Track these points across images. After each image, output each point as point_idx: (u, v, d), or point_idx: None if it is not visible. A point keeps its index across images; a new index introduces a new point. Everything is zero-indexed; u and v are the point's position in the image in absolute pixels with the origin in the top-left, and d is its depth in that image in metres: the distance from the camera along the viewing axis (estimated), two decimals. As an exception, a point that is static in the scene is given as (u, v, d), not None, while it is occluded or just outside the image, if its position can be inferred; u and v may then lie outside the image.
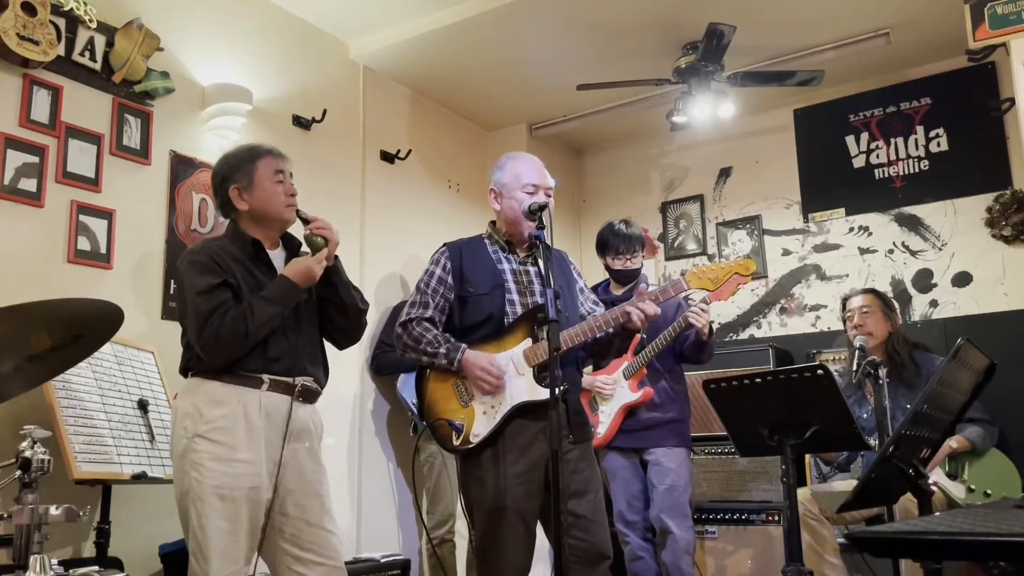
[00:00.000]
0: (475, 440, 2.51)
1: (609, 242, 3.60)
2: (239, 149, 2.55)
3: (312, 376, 2.44)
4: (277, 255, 2.51)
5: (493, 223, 2.77)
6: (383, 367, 4.13)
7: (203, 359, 2.29)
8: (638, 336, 3.47)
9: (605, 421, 3.47)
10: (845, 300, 3.67)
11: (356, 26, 4.29)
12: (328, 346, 2.62)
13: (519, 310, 2.59)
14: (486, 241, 2.72)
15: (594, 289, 3.71)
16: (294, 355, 2.40)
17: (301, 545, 2.35)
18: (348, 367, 4.01)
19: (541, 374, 2.51)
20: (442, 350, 2.54)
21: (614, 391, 3.47)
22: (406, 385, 4.00)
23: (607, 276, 3.74)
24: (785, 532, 2.61)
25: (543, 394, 2.47)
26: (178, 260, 2.45)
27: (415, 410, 3.88)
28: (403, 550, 4.17)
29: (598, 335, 2.58)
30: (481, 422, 2.52)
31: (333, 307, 2.52)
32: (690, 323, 3.29)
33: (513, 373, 2.53)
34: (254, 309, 2.29)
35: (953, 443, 3.36)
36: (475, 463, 2.54)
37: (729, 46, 4.12)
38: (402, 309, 4.16)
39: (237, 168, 2.48)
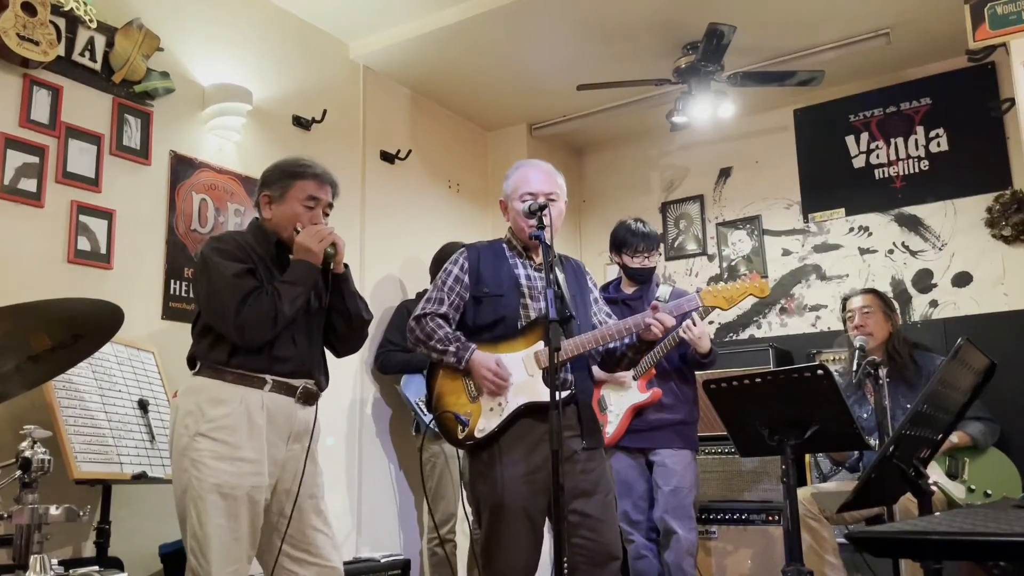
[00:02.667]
0: (480, 435, 2.52)
1: (627, 240, 3.55)
2: (290, 161, 2.55)
3: (314, 380, 2.45)
4: None
5: (511, 229, 2.80)
6: (388, 366, 4.13)
7: (237, 341, 2.29)
8: None
9: (613, 421, 3.47)
10: (845, 300, 3.67)
11: (356, 26, 4.29)
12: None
13: (532, 315, 2.63)
14: (504, 246, 2.76)
15: (604, 288, 3.72)
16: (299, 359, 2.41)
17: (296, 545, 2.36)
18: (349, 367, 4.01)
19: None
20: (452, 348, 2.57)
21: (628, 381, 3.47)
22: (409, 385, 4.00)
23: (615, 276, 3.74)
24: (785, 532, 2.61)
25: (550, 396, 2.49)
26: (202, 246, 2.46)
27: (418, 409, 3.89)
28: (403, 550, 4.17)
29: (610, 344, 2.61)
30: (487, 418, 2.54)
31: (338, 315, 2.53)
32: (682, 338, 3.31)
33: (523, 374, 2.55)
34: (280, 291, 2.33)
35: (954, 438, 3.35)
36: (482, 460, 2.55)
37: (729, 46, 4.12)
38: (406, 307, 4.17)
39: (277, 179, 2.50)
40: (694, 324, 3.29)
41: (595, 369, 2.87)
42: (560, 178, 2.77)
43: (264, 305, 2.29)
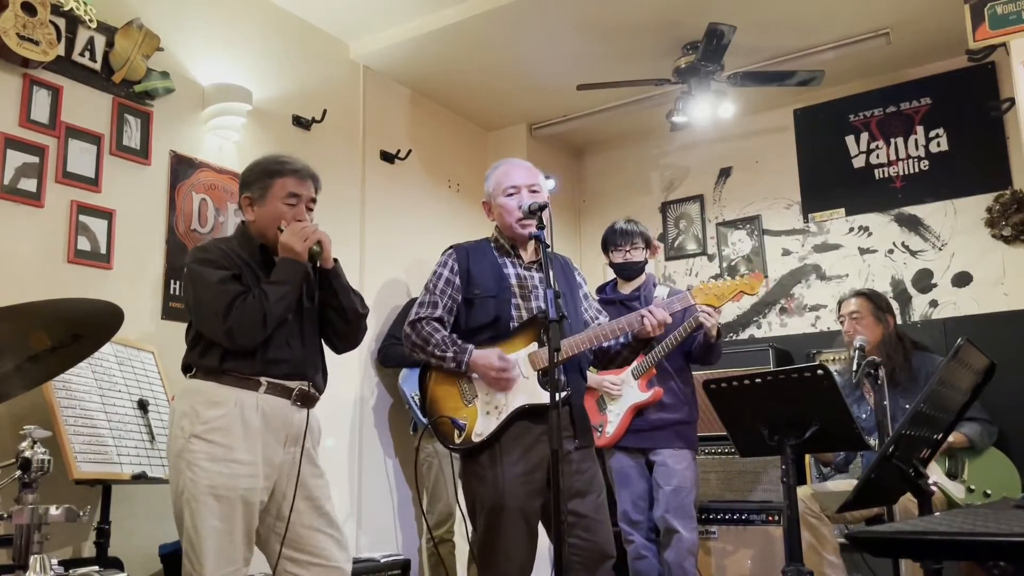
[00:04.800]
0: (477, 439, 2.51)
1: (608, 237, 3.67)
2: (268, 160, 2.53)
3: (311, 381, 2.44)
4: None
5: (499, 227, 2.79)
6: (388, 358, 4.15)
7: (228, 346, 2.29)
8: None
9: (614, 421, 3.47)
10: (840, 303, 3.70)
11: (356, 26, 4.29)
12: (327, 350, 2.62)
13: (523, 315, 2.61)
14: (492, 245, 2.73)
15: (601, 289, 3.73)
16: (294, 360, 2.40)
17: (295, 547, 2.36)
18: (349, 367, 4.01)
19: (545, 378, 2.52)
20: (449, 353, 2.55)
21: (622, 391, 3.48)
22: (407, 380, 4.00)
23: (612, 276, 3.75)
24: (785, 532, 2.61)
25: (547, 397, 2.48)
26: (186, 257, 2.45)
27: (415, 407, 3.89)
28: (403, 550, 4.17)
29: (604, 343, 2.60)
30: (483, 422, 2.53)
31: (333, 311, 2.51)
32: (700, 323, 3.27)
33: (518, 376, 2.54)
34: (267, 292, 2.32)
35: (950, 437, 3.35)
36: (477, 462, 2.54)
37: (729, 46, 4.12)
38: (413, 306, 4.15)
39: (256, 179, 2.49)
40: (712, 314, 3.22)
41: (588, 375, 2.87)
42: (541, 175, 2.76)
43: (251, 308, 2.28)
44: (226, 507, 2.22)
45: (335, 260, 2.50)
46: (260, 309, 2.29)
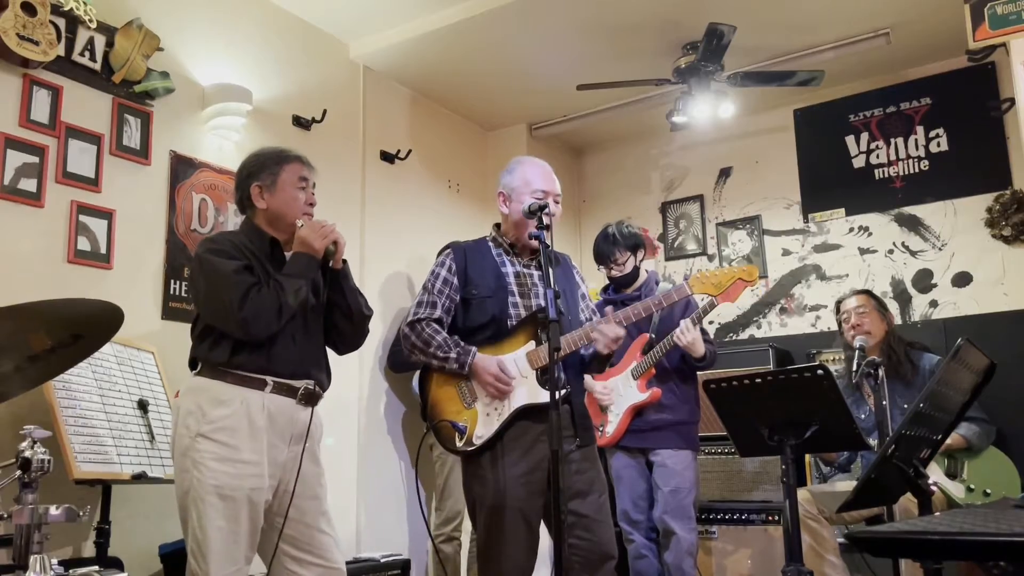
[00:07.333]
0: (478, 442, 2.51)
1: (596, 251, 3.63)
2: (269, 150, 2.57)
3: (315, 380, 2.44)
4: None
5: (498, 226, 2.78)
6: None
7: (242, 336, 2.28)
8: (646, 336, 3.48)
9: (613, 421, 3.47)
10: (839, 303, 3.70)
11: (356, 26, 4.29)
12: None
13: (522, 313, 2.61)
14: (490, 244, 2.73)
15: (605, 290, 3.72)
16: (299, 359, 2.41)
17: (298, 546, 2.36)
18: (352, 365, 4.00)
19: (544, 377, 2.52)
20: (452, 355, 2.55)
21: (612, 398, 3.47)
22: None
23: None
24: (785, 532, 2.61)
25: (546, 396, 2.47)
26: (197, 248, 2.44)
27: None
28: (410, 548, 4.17)
29: (575, 350, 2.60)
30: (484, 424, 2.53)
31: (339, 312, 2.53)
32: (674, 343, 3.31)
33: (516, 376, 2.53)
34: (282, 284, 2.33)
35: (948, 440, 3.35)
36: (478, 463, 2.54)
37: (729, 46, 4.12)
38: None
39: (263, 167, 2.50)
40: (685, 332, 3.28)
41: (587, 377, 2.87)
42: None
43: (267, 299, 2.29)
44: (232, 507, 2.23)
45: (344, 261, 2.51)
46: (276, 300, 2.30)
